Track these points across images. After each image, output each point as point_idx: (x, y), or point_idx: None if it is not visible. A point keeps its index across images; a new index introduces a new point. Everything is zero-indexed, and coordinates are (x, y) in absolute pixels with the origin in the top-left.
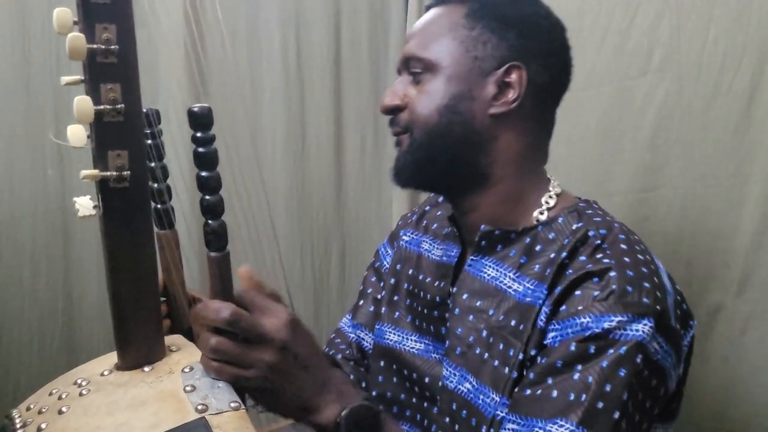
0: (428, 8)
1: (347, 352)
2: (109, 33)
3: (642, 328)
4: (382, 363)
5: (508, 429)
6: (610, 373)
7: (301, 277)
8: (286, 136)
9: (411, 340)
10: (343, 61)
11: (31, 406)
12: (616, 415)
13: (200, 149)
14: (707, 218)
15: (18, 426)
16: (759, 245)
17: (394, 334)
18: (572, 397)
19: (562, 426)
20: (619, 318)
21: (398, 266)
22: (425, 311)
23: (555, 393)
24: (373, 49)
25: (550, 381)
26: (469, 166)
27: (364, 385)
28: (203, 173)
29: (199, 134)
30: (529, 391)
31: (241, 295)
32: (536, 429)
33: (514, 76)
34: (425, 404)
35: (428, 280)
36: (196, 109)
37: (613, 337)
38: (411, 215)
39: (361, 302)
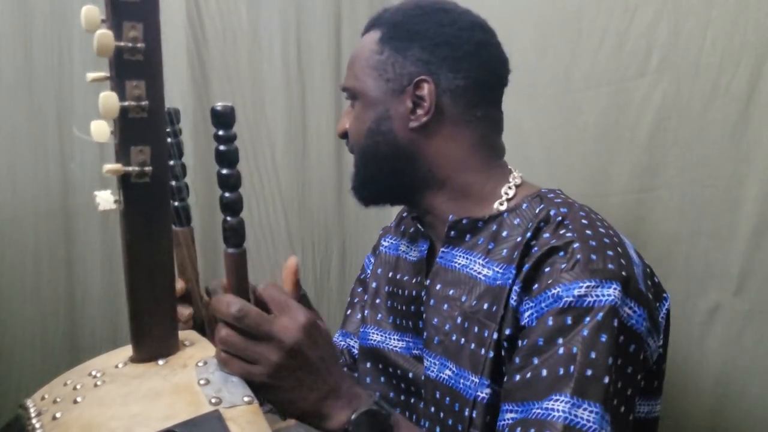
0: (362, 35)
1: (340, 360)
2: (136, 31)
3: (612, 292)
4: (368, 364)
5: (508, 419)
6: (592, 340)
7: (302, 277)
8: (287, 136)
9: (393, 339)
10: (344, 61)
11: (46, 396)
12: (606, 379)
13: (222, 147)
14: (705, 219)
15: (33, 415)
16: (756, 246)
17: (377, 334)
18: (561, 371)
19: (557, 400)
20: (588, 283)
21: (379, 270)
22: (404, 308)
23: (544, 372)
24: None
25: (536, 361)
26: (407, 176)
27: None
28: (224, 171)
29: (221, 132)
30: (518, 377)
31: (261, 292)
32: (534, 410)
33: (424, 90)
34: (412, 400)
35: (406, 278)
36: (219, 108)
37: (587, 304)
38: (392, 223)
39: (349, 312)
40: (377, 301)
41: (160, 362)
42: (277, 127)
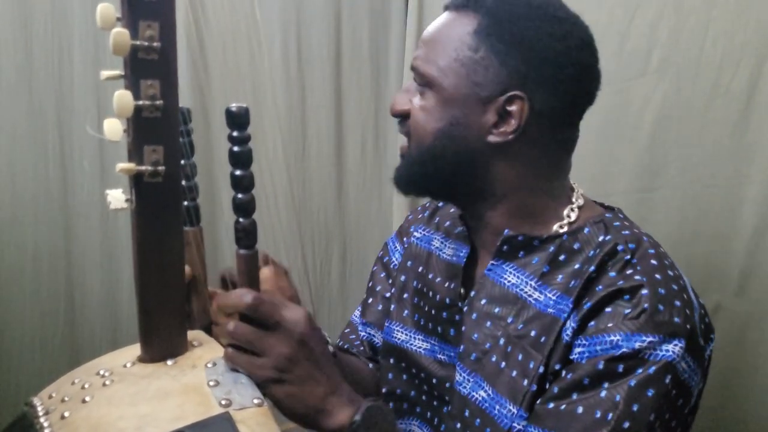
0: (445, 8)
1: (361, 349)
2: (152, 30)
3: (672, 349)
4: (391, 360)
5: None
6: (638, 392)
7: (302, 277)
8: (287, 136)
9: (417, 339)
10: (344, 61)
11: (53, 395)
12: None
13: (236, 148)
14: (706, 219)
15: (40, 413)
16: (757, 246)
17: (402, 332)
18: (599, 414)
19: None
20: (651, 338)
21: (409, 263)
22: (433, 312)
23: (581, 409)
24: (373, 49)
25: (575, 396)
26: (466, 184)
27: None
28: (237, 172)
29: (235, 133)
30: (552, 405)
31: (265, 292)
32: None
33: (515, 107)
34: (435, 403)
35: (438, 279)
36: (234, 109)
37: (642, 356)
38: (423, 211)
39: (370, 300)
40: (405, 296)
41: (169, 362)
42: (277, 127)
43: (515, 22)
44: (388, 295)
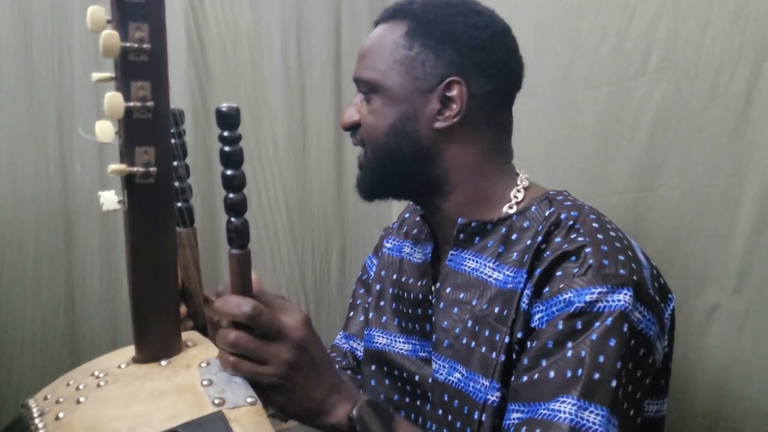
0: (376, 23)
1: (343, 363)
2: (142, 32)
3: (623, 298)
4: (373, 367)
5: (513, 419)
6: (600, 344)
7: (302, 277)
8: (287, 136)
9: (399, 341)
10: (344, 61)
11: (48, 396)
12: (614, 383)
13: (227, 148)
14: (704, 218)
15: (35, 415)
16: (755, 245)
17: (382, 337)
18: (569, 374)
19: (564, 402)
20: (600, 289)
21: (383, 272)
22: (410, 311)
23: (552, 373)
24: None
25: (544, 363)
26: (423, 178)
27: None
28: (228, 171)
29: (226, 133)
30: (525, 378)
31: (259, 294)
32: (540, 411)
33: (455, 91)
34: (418, 402)
35: (411, 281)
36: (224, 109)
37: (597, 310)
38: (393, 224)
39: (352, 314)
40: (382, 303)
41: (163, 363)
42: (277, 127)
43: (441, 19)
44: (367, 306)
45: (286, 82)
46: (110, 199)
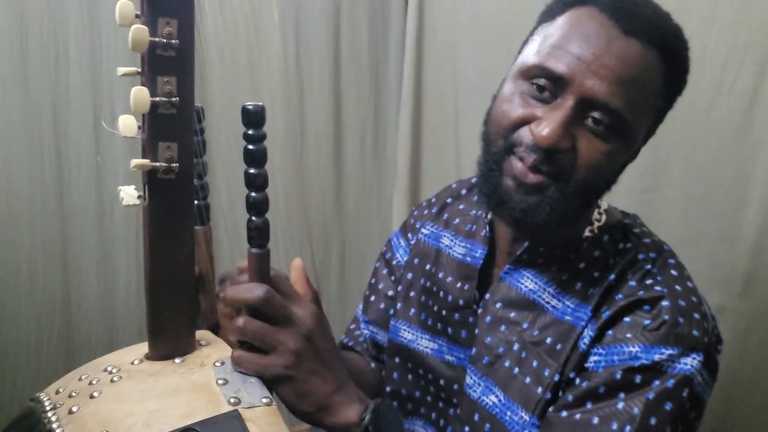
0: (627, 33)
1: (364, 346)
2: (171, 27)
3: (691, 362)
4: (397, 360)
5: None
6: (656, 406)
7: None
8: (286, 135)
9: (424, 339)
10: (343, 60)
11: (61, 390)
12: None
13: (250, 146)
14: (709, 219)
15: (48, 408)
16: (762, 247)
17: (408, 332)
18: (615, 426)
19: None
20: (670, 351)
21: (416, 260)
22: (443, 312)
23: (596, 420)
24: (373, 49)
25: (589, 406)
26: (586, 211)
27: (383, 374)
28: (252, 170)
29: (251, 131)
30: (565, 413)
31: (274, 281)
32: None
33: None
34: (441, 404)
35: (449, 279)
36: (250, 107)
37: (661, 369)
38: (429, 207)
39: (373, 298)
40: (411, 294)
41: (177, 360)
42: (276, 126)
43: (686, 58)
44: (390, 293)
45: (285, 82)
46: (131, 194)
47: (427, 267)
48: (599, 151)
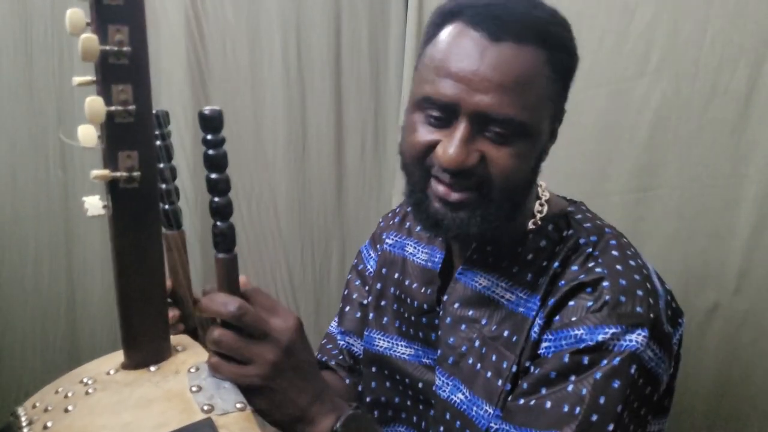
0: (493, 39)
1: (340, 358)
2: (122, 34)
3: (636, 338)
4: (373, 369)
5: None
6: (604, 384)
7: (302, 277)
8: (287, 136)
9: (400, 346)
10: (344, 61)
11: (37, 404)
12: (611, 427)
13: (210, 151)
14: (704, 218)
15: (24, 423)
16: (755, 245)
17: (383, 340)
18: (566, 408)
19: None
20: (613, 330)
21: (384, 270)
22: (413, 318)
23: (549, 404)
24: (373, 49)
25: (543, 391)
26: (521, 208)
27: (360, 388)
28: (213, 175)
29: (209, 136)
30: (522, 401)
31: (248, 294)
32: None
33: (559, 121)
34: (420, 407)
35: (414, 285)
36: (206, 112)
37: (606, 348)
38: (393, 217)
39: (347, 308)
40: (382, 303)
41: (152, 369)
42: (277, 127)
43: (570, 45)
44: (365, 302)
45: (286, 83)
46: (94, 204)
47: (396, 276)
48: (508, 156)
